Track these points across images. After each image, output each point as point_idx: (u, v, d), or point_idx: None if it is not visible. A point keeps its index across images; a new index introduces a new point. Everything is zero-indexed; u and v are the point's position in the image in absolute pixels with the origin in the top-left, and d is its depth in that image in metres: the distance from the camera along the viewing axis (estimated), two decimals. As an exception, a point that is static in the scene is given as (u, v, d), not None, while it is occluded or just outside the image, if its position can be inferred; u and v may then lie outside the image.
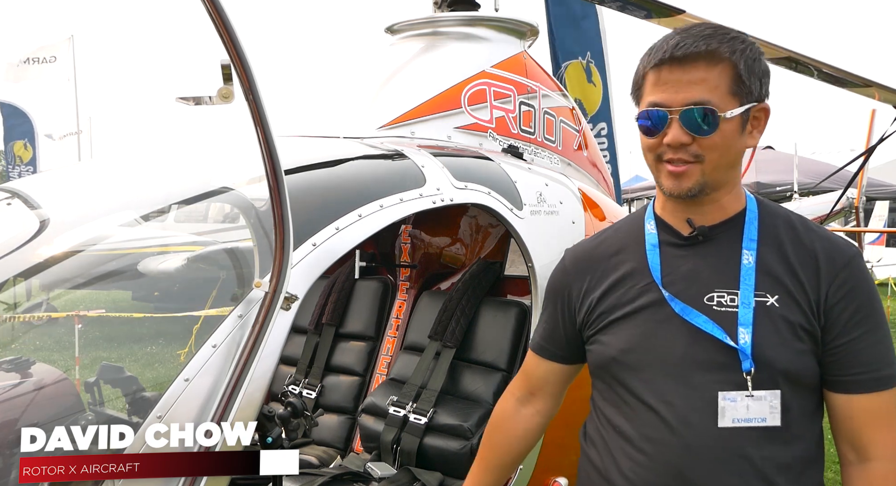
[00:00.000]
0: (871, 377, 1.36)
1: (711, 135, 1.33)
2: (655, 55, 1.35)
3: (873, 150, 6.50)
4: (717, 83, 1.32)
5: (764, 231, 1.42)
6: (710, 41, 1.32)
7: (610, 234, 1.60)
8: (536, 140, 3.21)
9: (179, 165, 2.38)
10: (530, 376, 1.72)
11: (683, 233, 1.45)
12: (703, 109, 1.31)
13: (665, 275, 1.44)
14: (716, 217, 1.43)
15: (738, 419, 1.35)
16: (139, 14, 55.60)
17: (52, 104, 12.27)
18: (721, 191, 1.41)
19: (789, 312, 1.36)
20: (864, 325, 1.36)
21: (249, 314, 1.65)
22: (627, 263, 1.50)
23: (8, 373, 1.87)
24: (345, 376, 3.36)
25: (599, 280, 1.52)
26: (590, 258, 1.57)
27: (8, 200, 2.18)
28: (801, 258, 1.39)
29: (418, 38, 3.20)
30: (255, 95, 1.52)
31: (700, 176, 1.36)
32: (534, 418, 1.71)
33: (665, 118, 1.34)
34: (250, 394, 1.60)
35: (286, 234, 1.63)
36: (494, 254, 3.29)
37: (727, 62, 1.32)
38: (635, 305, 1.45)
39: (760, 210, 1.46)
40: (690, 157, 1.35)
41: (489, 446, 1.75)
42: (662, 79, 1.35)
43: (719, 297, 1.39)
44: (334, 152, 2.35)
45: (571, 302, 1.57)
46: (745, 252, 1.40)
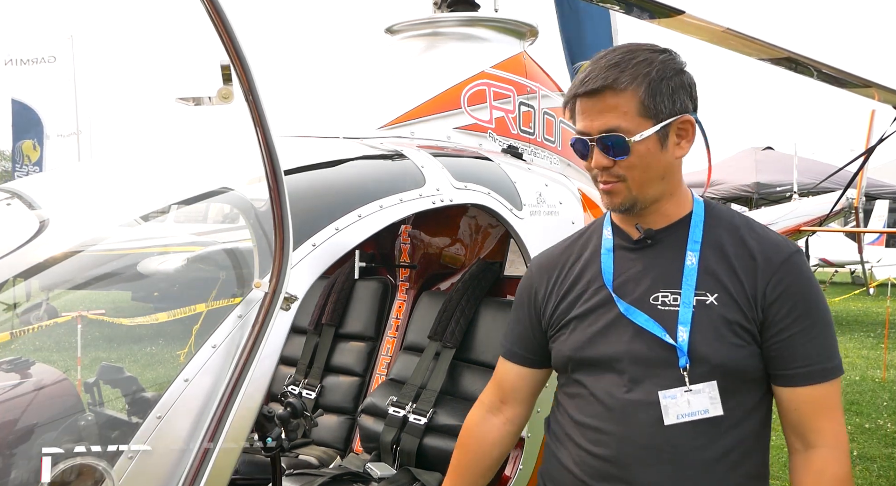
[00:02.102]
0: (811, 370, 1.43)
1: (628, 157, 1.44)
2: (572, 88, 1.49)
3: (873, 150, 6.51)
4: (627, 109, 1.44)
5: (708, 233, 1.51)
6: (610, 72, 1.43)
7: (574, 239, 1.71)
8: (536, 140, 3.21)
9: (179, 165, 2.38)
10: (501, 383, 1.75)
11: (634, 237, 1.55)
12: (612, 135, 1.44)
13: (616, 276, 1.54)
14: (661, 222, 1.54)
15: (682, 414, 1.43)
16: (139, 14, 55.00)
17: (53, 104, 12.27)
18: (660, 201, 1.52)
19: (727, 310, 1.43)
20: (802, 321, 1.42)
21: (249, 315, 1.65)
22: (585, 266, 1.60)
23: (8, 373, 1.87)
24: (344, 377, 3.36)
25: (561, 283, 1.62)
26: (552, 263, 1.67)
27: (8, 200, 2.18)
28: (740, 258, 1.47)
29: (418, 38, 3.20)
30: (254, 96, 1.52)
31: (627, 192, 1.48)
32: (504, 426, 1.74)
33: (587, 145, 1.47)
34: (250, 394, 1.60)
35: (286, 234, 1.63)
36: (494, 254, 3.29)
37: (630, 90, 1.43)
38: (588, 305, 1.55)
39: (707, 213, 1.55)
40: (613, 177, 1.47)
41: (461, 457, 1.79)
42: (581, 108, 1.48)
43: (663, 297, 1.48)
44: (334, 153, 2.35)
45: (537, 305, 1.66)
46: (688, 254, 1.49)
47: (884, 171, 17.95)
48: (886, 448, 5.65)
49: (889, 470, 5.17)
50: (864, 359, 9.08)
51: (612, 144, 1.44)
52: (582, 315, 1.55)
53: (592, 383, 1.51)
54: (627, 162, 1.45)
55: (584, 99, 1.46)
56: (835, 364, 1.45)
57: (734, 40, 3.00)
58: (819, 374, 1.43)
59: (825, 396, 1.44)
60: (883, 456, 5.46)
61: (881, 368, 8.35)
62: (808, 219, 11.54)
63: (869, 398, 7.18)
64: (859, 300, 15.15)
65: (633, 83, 1.43)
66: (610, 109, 1.44)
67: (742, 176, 16.20)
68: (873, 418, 6.50)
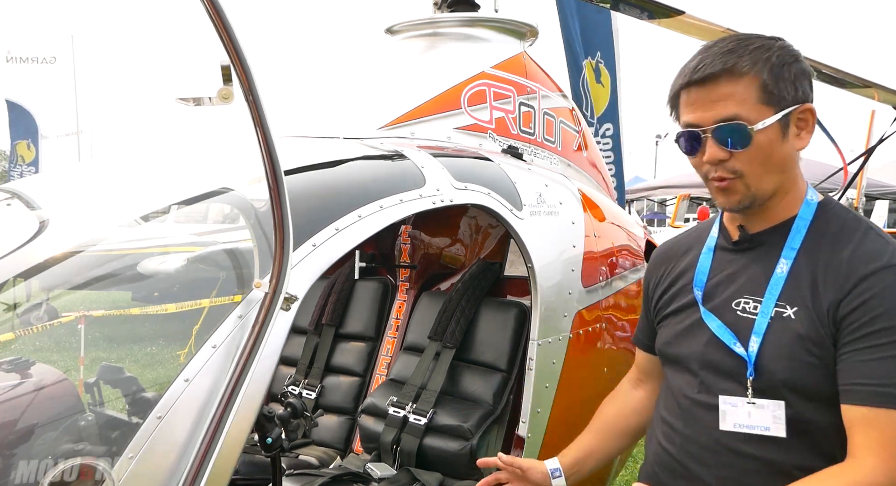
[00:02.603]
0: (871, 391, 1.27)
1: (747, 148, 1.34)
2: (680, 78, 1.39)
3: (873, 150, 6.50)
4: (745, 96, 1.33)
5: (809, 239, 1.40)
6: (728, 58, 1.33)
7: (688, 232, 1.71)
8: (536, 141, 3.21)
9: (179, 165, 2.38)
10: (637, 365, 1.85)
11: (734, 238, 1.51)
12: (732, 124, 1.33)
13: (711, 277, 1.51)
14: (765, 223, 1.46)
15: (740, 424, 1.40)
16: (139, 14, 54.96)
17: (51, 104, 12.29)
18: (775, 198, 1.42)
19: (802, 325, 1.34)
20: (876, 338, 1.28)
21: (249, 315, 1.65)
22: (688, 262, 1.60)
23: (8, 373, 1.87)
24: (344, 377, 3.36)
25: (666, 277, 1.64)
26: (666, 256, 1.69)
27: (8, 200, 2.18)
28: (830, 268, 1.35)
29: (418, 38, 3.20)
30: (254, 96, 1.52)
31: (745, 189, 1.38)
32: (645, 400, 1.81)
33: (699, 138, 1.37)
34: (250, 394, 1.60)
35: (286, 234, 1.63)
36: (494, 254, 3.29)
37: (750, 75, 1.33)
38: (680, 303, 1.56)
39: (817, 216, 1.43)
40: (729, 173, 1.37)
41: (600, 414, 1.87)
42: (691, 99, 1.38)
43: (745, 303, 1.43)
44: (334, 153, 2.35)
45: (649, 295, 1.71)
46: (781, 260, 1.41)
47: (884, 171, 17.94)
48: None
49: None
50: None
51: (731, 134, 1.33)
52: (674, 312, 1.57)
53: (673, 379, 1.55)
54: (747, 154, 1.34)
55: (696, 88, 1.35)
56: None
57: (734, 40, 2.99)
58: (880, 397, 1.26)
59: (885, 424, 1.25)
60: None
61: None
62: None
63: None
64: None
65: (754, 68, 1.33)
66: (726, 97, 1.33)
67: (742, 176, 16.15)
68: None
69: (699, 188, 14.37)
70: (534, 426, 2.47)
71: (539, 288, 2.48)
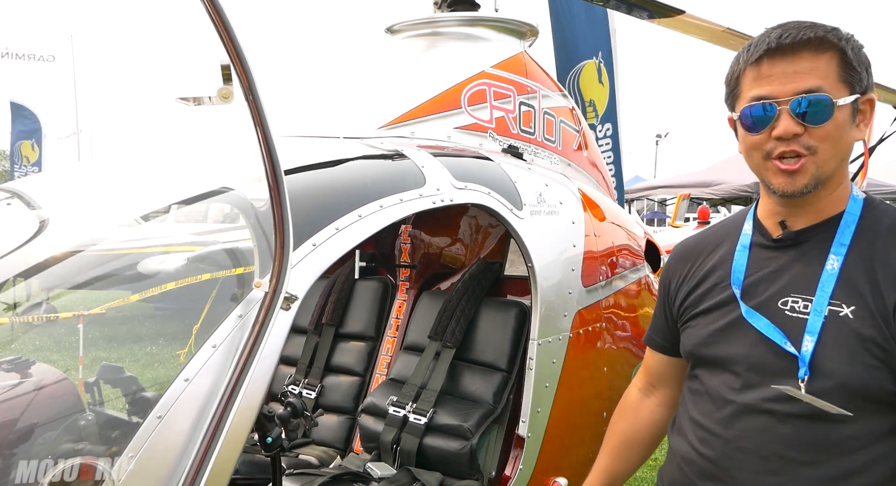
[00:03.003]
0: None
1: (825, 124, 1.27)
2: (756, 50, 1.32)
3: (873, 150, 6.50)
4: (827, 71, 1.28)
5: (859, 236, 1.35)
6: (815, 29, 1.29)
7: (714, 229, 1.63)
8: (536, 140, 3.21)
9: (179, 165, 2.38)
10: (648, 368, 1.78)
11: (774, 235, 1.44)
12: (817, 96, 1.26)
13: (748, 275, 1.44)
14: (810, 220, 1.39)
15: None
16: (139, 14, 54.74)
17: (52, 104, 12.30)
18: (827, 188, 1.35)
19: (862, 324, 1.28)
20: None
21: (249, 314, 1.65)
22: (718, 260, 1.53)
23: (8, 373, 1.87)
24: (344, 377, 3.36)
25: (693, 275, 1.57)
26: (690, 252, 1.61)
27: (8, 200, 2.18)
28: (887, 267, 1.30)
29: (418, 38, 3.20)
30: (254, 96, 1.52)
31: (815, 170, 1.30)
32: (659, 408, 1.76)
33: (773, 111, 1.29)
34: (250, 394, 1.60)
35: (286, 234, 1.63)
36: (494, 254, 3.29)
37: (835, 49, 1.28)
38: (713, 301, 1.49)
39: (864, 213, 1.38)
40: (803, 149, 1.29)
41: (614, 432, 1.81)
42: (764, 73, 1.31)
43: (793, 302, 1.36)
44: (334, 152, 2.35)
45: (670, 295, 1.63)
46: (831, 257, 1.34)
47: (884, 171, 17.94)
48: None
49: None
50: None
51: (812, 107, 1.25)
52: (706, 311, 1.49)
53: (709, 381, 1.46)
54: (824, 130, 1.27)
55: (774, 60, 1.28)
56: None
57: (734, 40, 3.00)
58: None
59: None
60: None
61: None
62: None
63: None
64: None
65: (840, 43, 1.27)
66: (807, 70, 1.26)
67: (742, 176, 16.17)
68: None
69: (699, 188, 14.36)
70: (534, 425, 2.47)
71: (539, 288, 2.48)
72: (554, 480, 2.51)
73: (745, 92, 1.35)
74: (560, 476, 2.52)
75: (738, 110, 1.37)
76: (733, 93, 1.39)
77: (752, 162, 1.40)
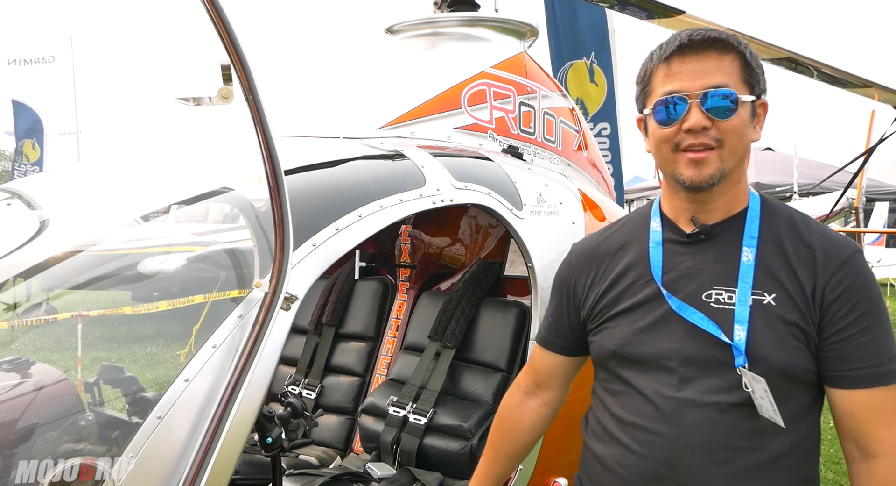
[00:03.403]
0: (871, 372, 1.36)
1: (731, 118, 1.36)
2: (667, 48, 1.39)
3: (873, 150, 6.51)
4: (731, 70, 1.37)
5: (765, 229, 1.44)
6: (719, 33, 1.38)
7: (616, 229, 1.63)
8: (536, 140, 3.21)
9: (179, 165, 2.38)
10: (537, 370, 1.75)
11: (686, 230, 1.48)
12: (724, 90, 1.35)
13: (666, 272, 1.46)
14: (719, 215, 1.46)
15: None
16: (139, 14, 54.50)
17: (52, 104, 12.28)
18: (729, 184, 1.42)
19: (785, 310, 1.37)
20: (862, 321, 1.36)
21: (249, 315, 1.65)
22: (631, 258, 1.53)
23: (8, 373, 1.87)
24: (345, 377, 3.36)
25: (604, 275, 1.56)
26: (595, 253, 1.60)
27: (8, 200, 2.18)
28: (800, 256, 1.40)
29: (418, 38, 3.20)
30: (254, 96, 1.52)
31: (719, 162, 1.37)
32: (541, 409, 1.75)
33: (685, 104, 1.37)
34: (250, 394, 1.60)
35: (286, 234, 1.63)
36: (494, 254, 3.29)
37: (736, 52, 1.38)
38: (635, 300, 1.48)
39: (763, 208, 1.47)
40: (712, 141, 1.36)
41: (497, 437, 1.79)
42: (674, 70, 1.39)
43: (717, 294, 1.41)
44: (334, 153, 2.35)
45: (576, 296, 1.61)
46: (745, 250, 1.42)
47: (884, 171, 17.95)
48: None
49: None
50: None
51: (721, 101, 1.34)
52: (628, 310, 1.49)
53: (639, 380, 1.45)
54: (730, 124, 1.35)
55: (684, 58, 1.37)
56: (894, 368, 1.37)
57: (734, 40, 3.00)
58: (878, 377, 1.36)
59: (884, 400, 1.36)
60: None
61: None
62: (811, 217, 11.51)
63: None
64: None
65: (738, 47, 1.38)
66: (714, 68, 1.36)
67: (742, 176, 16.18)
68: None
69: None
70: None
71: (539, 288, 2.48)
72: (554, 480, 2.51)
73: (657, 88, 1.41)
74: (560, 476, 2.52)
75: (649, 106, 1.43)
76: (645, 90, 1.45)
77: (661, 156, 1.45)
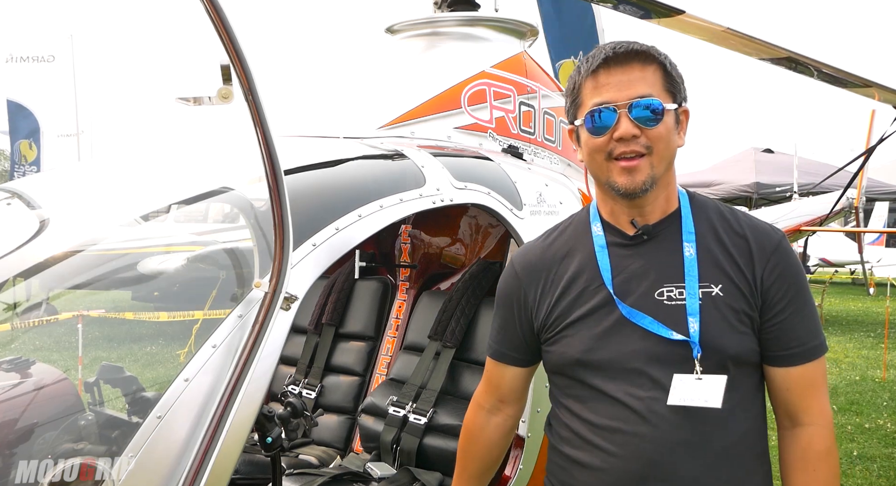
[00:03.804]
0: (804, 350, 1.48)
1: (657, 126, 1.43)
2: (593, 61, 1.47)
3: (873, 150, 6.52)
4: (654, 80, 1.44)
5: (699, 223, 1.52)
6: (641, 45, 1.45)
7: (556, 236, 1.65)
8: (536, 140, 3.21)
9: (179, 165, 2.38)
10: (498, 386, 1.74)
11: (629, 233, 1.53)
12: (649, 100, 1.42)
13: (616, 275, 1.51)
14: (656, 215, 1.52)
15: (685, 398, 1.42)
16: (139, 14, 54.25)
17: (52, 104, 12.26)
18: (660, 188, 1.49)
19: (733, 299, 1.45)
20: (795, 302, 1.47)
21: (249, 314, 1.65)
22: (578, 265, 1.56)
23: (8, 373, 1.87)
24: (344, 377, 3.36)
25: (553, 284, 1.57)
26: (540, 262, 1.62)
27: (8, 200, 2.18)
28: (736, 245, 1.49)
29: (418, 38, 3.20)
30: (254, 96, 1.52)
31: (650, 169, 1.44)
32: (506, 423, 1.77)
33: (614, 114, 1.43)
34: (250, 394, 1.60)
35: (286, 234, 1.63)
36: (494, 254, 3.29)
37: (657, 63, 1.45)
38: (589, 306, 1.51)
39: (692, 203, 1.55)
40: (642, 148, 1.43)
41: (469, 458, 1.79)
42: (602, 82, 1.45)
43: (668, 291, 1.47)
44: (334, 152, 2.35)
45: (527, 307, 1.62)
46: (685, 245, 1.49)
47: (884, 171, 17.95)
48: (886, 448, 5.65)
49: (889, 470, 5.17)
50: (864, 359, 9.08)
51: (646, 110, 1.41)
52: (584, 316, 1.51)
53: (608, 385, 1.47)
54: (657, 132, 1.42)
55: (610, 71, 1.44)
56: (821, 341, 1.50)
57: (734, 40, 3.00)
58: (811, 352, 1.48)
59: (815, 373, 1.49)
60: (883, 456, 5.46)
61: (881, 368, 8.35)
62: (809, 219, 11.54)
63: (869, 398, 7.18)
64: (859, 300, 15.15)
65: (658, 58, 1.45)
66: (639, 79, 1.43)
67: (742, 176, 16.20)
68: (873, 418, 6.50)
69: (699, 188, 14.35)
70: (534, 425, 2.47)
71: (539, 288, 2.48)
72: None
73: (587, 100, 1.47)
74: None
75: (580, 117, 1.49)
76: (575, 102, 1.51)
77: (595, 164, 1.50)
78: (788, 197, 14.86)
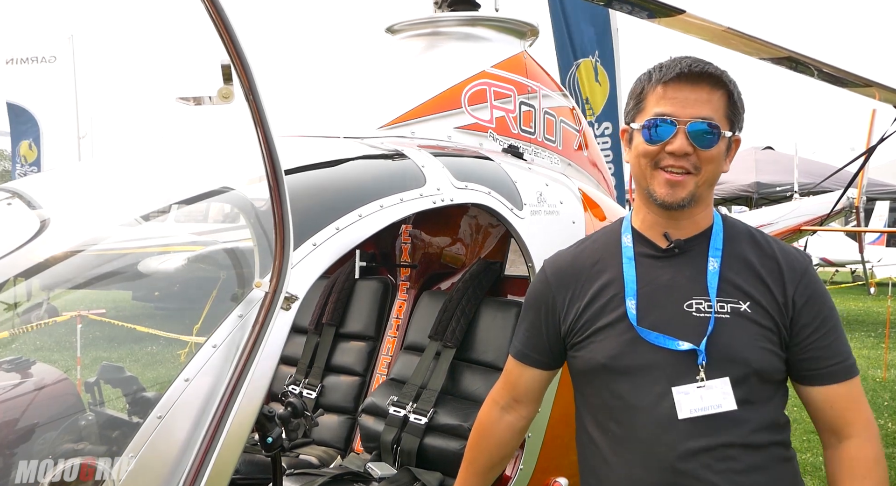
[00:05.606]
0: (844, 366, 1.52)
1: (710, 149, 1.47)
2: (667, 73, 1.48)
3: (873, 150, 6.51)
4: (718, 105, 1.48)
5: (729, 242, 1.56)
6: (715, 67, 1.48)
7: (588, 245, 1.69)
8: (537, 140, 3.21)
9: (180, 164, 2.38)
10: (515, 385, 1.76)
11: (661, 246, 1.56)
12: (710, 124, 1.46)
13: (642, 286, 1.54)
14: (690, 231, 1.56)
15: (695, 409, 1.45)
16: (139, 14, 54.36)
17: (52, 104, 12.27)
18: (699, 206, 1.54)
19: (760, 316, 1.49)
20: (829, 321, 1.52)
21: (249, 314, 1.65)
22: (606, 273, 1.59)
23: (8, 373, 1.87)
24: (345, 376, 3.36)
25: (583, 290, 1.61)
26: (571, 269, 1.65)
27: (8, 200, 2.18)
28: (766, 266, 1.53)
29: (418, 38, 3.20)
30: (255, 95, 1.52)
31: (693, 188, 1.49)
32: (518, 423, 1.79)
33: (672, 128, 1.46)
34: (250, 394, 1.60)
35: (286, 234, 1.63)
36: (495, 254, 3.28)
37: (726, 89, 1.49)
38: (616, 314, 1.54)
39: (725, 225, 1.60)
40: (691, 167, 1.48)
41: (478, 452, 1.81)
42: (669, 94, 1.48)
43: (697, 304, 1.50)
44: (334, 152, 2.35)
45: (556, 312, 1.64)
46: (710, 260, 1.53)
47: (884, 171, 17.95)
48: (887, 448, 5.65)
49: (890, 470, 5.17)
50: (865, 359, 9.08)
51: (705, 133, 1.45)
52: (610, 324, 1.54)
53: (632, 393, 1.50)
54: (709, 154, 1.47)
55: (681, 85, 1.47)
56: (854, 360, 1.55)
57: (735, 40, 3.00)
58: (851, 369, 1.52)
59: (856, 388, 1.53)
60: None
61: (882, 367, 8.35)
62: (809, 218, 11.55)
63: (869, 398, 7.13)
64: (860, 300, 15.16)
65: (728, 86, 1.49)
66: (705, 100, 1.46)
67: (742, 176, 16.21)
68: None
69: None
70: (534, 425, 2.47)
71: (539, 288, 2.48)
72: (554, 480, 2.51)
73: (650, 107, 1.50)
74: (560, 476, 2.52)
75: (639, 121, 1.52)
76: (638, 106, 1.54)
77: (639, 168, 1.54)
78: (789, 197, 14.86)
